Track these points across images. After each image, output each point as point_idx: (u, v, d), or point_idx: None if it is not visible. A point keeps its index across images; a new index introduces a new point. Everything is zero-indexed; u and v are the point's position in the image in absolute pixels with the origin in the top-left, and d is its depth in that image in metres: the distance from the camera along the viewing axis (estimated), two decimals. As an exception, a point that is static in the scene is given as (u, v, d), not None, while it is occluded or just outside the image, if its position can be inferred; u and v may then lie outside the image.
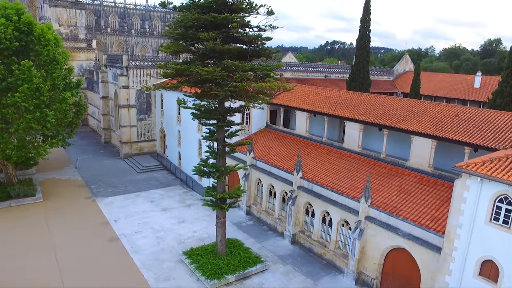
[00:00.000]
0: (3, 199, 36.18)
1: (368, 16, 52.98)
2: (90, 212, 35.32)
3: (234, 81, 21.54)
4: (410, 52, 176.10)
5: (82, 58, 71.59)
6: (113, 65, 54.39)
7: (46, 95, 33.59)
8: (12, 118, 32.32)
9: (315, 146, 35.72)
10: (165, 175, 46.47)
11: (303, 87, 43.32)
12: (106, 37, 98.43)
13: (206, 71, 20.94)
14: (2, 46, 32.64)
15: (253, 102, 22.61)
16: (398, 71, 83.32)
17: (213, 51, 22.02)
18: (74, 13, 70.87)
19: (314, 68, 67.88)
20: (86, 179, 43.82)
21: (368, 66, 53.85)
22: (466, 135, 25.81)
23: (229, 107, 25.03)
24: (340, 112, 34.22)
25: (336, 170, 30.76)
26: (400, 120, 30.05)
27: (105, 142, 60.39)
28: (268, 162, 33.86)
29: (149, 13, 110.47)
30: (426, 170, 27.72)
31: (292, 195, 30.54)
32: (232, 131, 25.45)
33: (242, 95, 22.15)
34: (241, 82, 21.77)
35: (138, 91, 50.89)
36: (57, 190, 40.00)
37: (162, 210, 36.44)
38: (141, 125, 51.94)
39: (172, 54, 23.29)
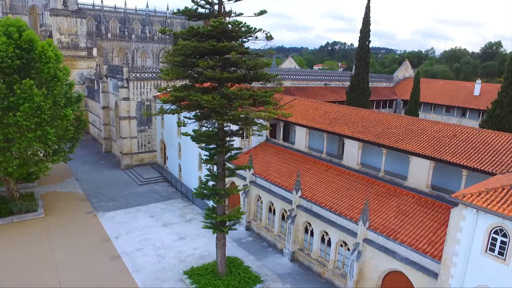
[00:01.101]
0: (5, 215, 36.51)
1: (368, 27, 53.20)
2: (91, 228, 35.62)
3: (233, 110, 21.79)
4: (410, 54, 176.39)
5: (83, 66, 71.87)
6: (113, 76, 54.67)
7: (47, 113, 33.87)
8: (13, 137, 32.59)
9: (314, 162, 35.97)
10: (166, 187, 46.76)
11: (303, 100, 43.54)
12: (107, 43, 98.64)
13: (205, 100, 21.19)
14: (4, 64, 32.94)
15: (252, 131, 22.82)
16: (398, 77, 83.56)
17: (213, 78, 22.27)
18: (75, 22, 71.11)
19: (314, 76, 68.17)
20: (87, 192, 44.12)
21: (368, 77, 54.08)
22: (463, 157, 26.06)
23: (229, 131, 25.28)
24: (339, 129, 34.48)
25: (335, 188, 31.02)
26: (398, 140, 30.30)
27: (106, 151, 60.71)
28: (267, 179, 34.12)
29: (149, 18, 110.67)
30: (424, 190, 27.99)
31: (291, 214, 30.83)
32: (232, 155, 25.67)
33: (241, 123, 22.39)
34: (240, 110, 22.01)
35: (139, 102, 51.19)
36: (59, 204, 40.30)
37: (162, 225, 36.73)
38: (142, 137, 52.26)
39: (172, 79, 23.54)
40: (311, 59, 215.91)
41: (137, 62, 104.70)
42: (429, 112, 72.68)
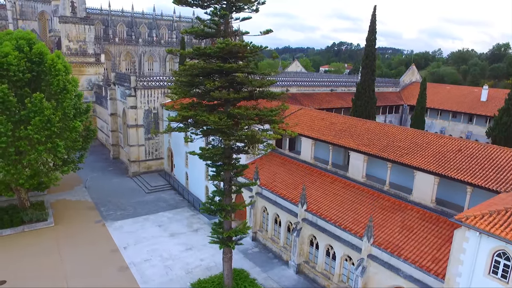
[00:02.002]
0: (16, 224, 37.28)
1: (374, 35, 53.29)
2: (100, 238, 36.25)
3: (240, 130, 22.19)
4: (417, 56, 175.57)
5: (91, 72, 72.74)
6: (121, 84, 55.36)
7: (57, 125, 34.52)
8: (25, 149, 33.28)
9: (320, 174, 36.27)
10: (173, 195, 47.33)
11: (308, 110, 43.81)
12: (114, 47, 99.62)
13: (212, 121, 21.61)
14: (16, 78, 33.66)
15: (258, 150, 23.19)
16: (405, 82, 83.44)
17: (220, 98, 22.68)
18: (83, 29, 71.99)
19: (320, 82, 68.36)
20: (96, 200, 44.82)
21: (374, 85, 54.14)
22: (468, 174, 26.23)
23: (235, 147, 25.64)
24: (345, 141, 34.75)
25: (340, 201, 31.30)
26: (403, 154, 30.51)
27: (113, 158, 61.48)
28: (273, 191, 34.48)
29: (156, 21, 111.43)
30: (428, 205, 28.19)
31: (297, 226, 31.19)
32: (238, 171, 26.05)
33: (247, 142, 22.80)
34: (247, 130, 22.40)
35: (146, 110, 51.82)
36: (68, 213, 41.02)
37: (170, 235, 37.27)
38: (149, 144, 52.89)
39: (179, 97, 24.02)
40: (317, 60, 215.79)
41: (144, 66, 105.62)
42: (436, 117, 72.56)
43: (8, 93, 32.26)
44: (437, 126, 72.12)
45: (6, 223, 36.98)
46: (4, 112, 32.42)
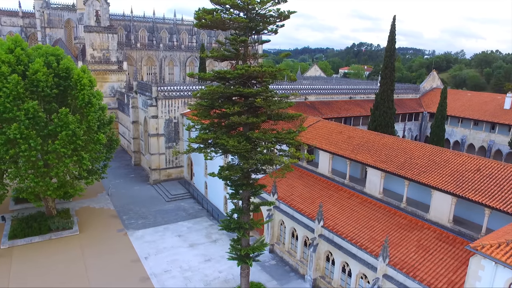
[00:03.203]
0: (44, 231, 39.00)
1: (393, 45, 53.08)
2: (122, 247, 37.52)
3: (258, 153, 22.86)
4: (438, 58, 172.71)
5: (114, 79, 74.70)
6: (143, 93, 56.81)
7: (82, 138, 35.96)
8: (53, 163, 34.82)
9: (337, 188, 36.60)
10: (192, 204, 48.39)
11: (326, 123, 44.11)
12: (136, 52, 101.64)
13: (231, 145, 22.34)
14: (44, 93, 35.25)
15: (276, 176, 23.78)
16: (425, 88, 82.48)
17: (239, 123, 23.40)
18: (107, 38, 73.98)
19: (338, 90, 68.37)
20: (118, 208, 46.28)
21: (393, 95, 53.87)
22: (486, 195, 26.19)
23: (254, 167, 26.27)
24: (362, 157, 34.98)
25: (357, 218, 31.60)
26: (421, 172, 30.59)
27: (135, 164, 63.10)
28: (291, 205, 35.02)
29: (177, 26, 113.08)
30: (445, 225, 28.24)
31: (313, 242, 31.66)
32: (256, 191, 26.71)
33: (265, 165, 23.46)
34: (265, 155, 23.03)
35: (167, 120, 53.08)
36: (92, 221, 42.53)
37: (189, 246, 38.26)
38: (170, 153, 54.16)
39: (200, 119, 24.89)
40: (336, 62, 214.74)
41: (164, 70, 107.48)
42: (457, 125, 71.57)
43: (38, 109, 33.83)
44: (458, 135, 71.15)
45: (35, 230, 38.76)
46: (34, 127, 33.98)
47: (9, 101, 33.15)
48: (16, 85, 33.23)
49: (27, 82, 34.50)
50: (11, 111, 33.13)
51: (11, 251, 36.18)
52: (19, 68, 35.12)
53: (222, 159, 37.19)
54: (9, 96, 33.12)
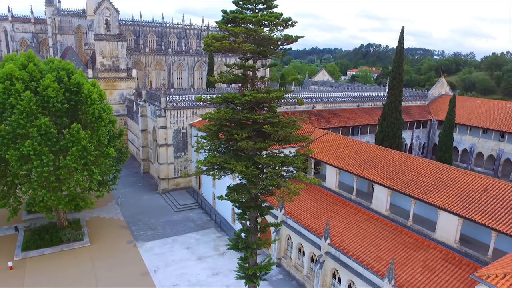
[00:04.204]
0: (56, 243, 39.79)
1: (401, 55, 53.11)
2: (132, 260, 38.14)
3: (265, 180, 23.25)
4: (448, 61, 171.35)
5: (123, 87, 75.55)
6: (151, 102, 57.49)
7: (93, 153, 36.65)
8: (64, 177, 35.56)
9: (344, 203, 36.87)
10: (200, 215, 48.93)
11: (334, 136, 44.36)
12: (145, 57, 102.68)
13: (239, 170, 22.76)
14: (55, 108, 35.98)
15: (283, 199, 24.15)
16: (433, 94, 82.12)
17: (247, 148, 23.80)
18: (116, 45, 74.85)
19: (346, 98, 68.43)
20: (127, 218, 46.98)
21: (401, 106, 53.93)
22: (493, 218, 26.31)
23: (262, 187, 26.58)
24: (369, 173, 35.22)
25: (363, 235, 31.85)
26: (427, 191, 30.76)
27: (144, 172, 63.86)
28: (298, 221, 35.36)
29: (185, 31, 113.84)
30: (452, 245, 28.42)
31: (320, 259, 31.99)
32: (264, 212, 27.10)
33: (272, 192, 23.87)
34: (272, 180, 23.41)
35: (175, 130, 53.68)
36: (102, 232, 43.26)
37: (197, 259, 38.79)
38: (178, 162, 54.77)
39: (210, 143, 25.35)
40: (344, 64, 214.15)
41: (173, 75, 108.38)
42: (465, 133, 71.21)
43: (50, 125, 34.56)
44: (467, 143, 70.81)
45: (47, 242, 39.58)
46: (46, 143, 34.72)
47: (22, 117, 33.87)
48: (29, 102, 33.97)
49: (38, 98, 35.23)
50: (24, 127, 33.88)
51: (24, 263, 37.02)
52: (32, 85, 35.92)
53: (230, 176, 37.65)
54: (23, 113, 33.85)
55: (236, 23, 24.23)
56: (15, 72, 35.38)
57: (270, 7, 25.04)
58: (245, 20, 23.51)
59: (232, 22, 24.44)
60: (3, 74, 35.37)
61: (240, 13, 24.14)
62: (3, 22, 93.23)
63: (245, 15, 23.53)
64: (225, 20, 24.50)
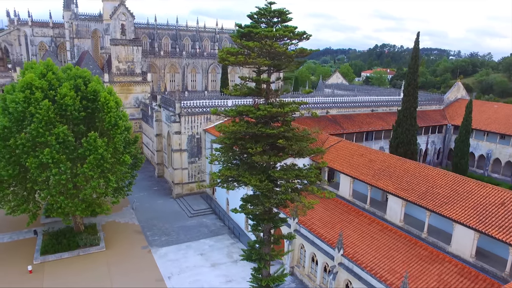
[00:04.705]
0: (73, 247, 40.64)
1: (416, 62, 52.57)
2: (147, 266, 38.70)
3: (279, 194, 23.40)
4: (464, 62, 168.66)
5: (138, 91, 76.52)
6: (166, 108, 58.12)
7: (109, 161, 37.31)
8: (81, 184, 36.31)
9: (358, 213, 36.76)
10: (214, 220, 49.31)
11: (348, 144, 44.21)
12: (159, 60, 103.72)
13: (253, 184, 22.96)
14: (72, 116, 36.73)
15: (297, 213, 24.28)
16: (449, 99, 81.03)
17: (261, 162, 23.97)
18: (132, 50, 75.84)
19: (360, 102, 68.06)
20: (142, 223, 47.66)
21: (416, 112, 53.40)
22: (511, 234, 25.92)
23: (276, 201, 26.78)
24: (383, 184, 35.04)
25: (377, 246, 31.72)
26: (442, 203, 30.47)
27: (158, 176, 64.62)
28: (311, 230, 35.39)
29: (199, 33, 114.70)
30: (467, 259, 28.09)
31: (333, 270, 31.98)
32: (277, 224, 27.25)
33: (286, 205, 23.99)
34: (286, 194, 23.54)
35: (190, 136, 54.20)
36: (117, 237, 43.98)
37: (211, 265, 39.15)
38: (192, 168, 55.28)
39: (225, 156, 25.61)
40: (358, 65, 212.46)
41: (187, 77, 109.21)
42: (482, 139, 70.05)
43: (67, 134, 35.30)
44: (483, 148, 69.66)
45: (64, 247, 40.48)
46: (64, 151, 35.47)
47: (41, 126, 34.68)
48: (47, 111, 34.74)
49: (56, 106, 35.99)
50: (43, 135, 34.69)
51: (43, 267, 37.90)
52: (50, 93, 36.70)
53: (245, 188, 37.84)
54: (42, 122, 34.65)
55: (251, 37, 24.41)
56: (34, 81, 36.22)
57: (285, 21, 25.18)
58: (260, 34, 23.65)
59: (247, 36, 24.61)
60: (23, 83, 36.27)
61: (254, 27, 24.32)
62: (23, 26, 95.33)
63: (260, 30, 23.67)
64: (240, 34, 24.69)
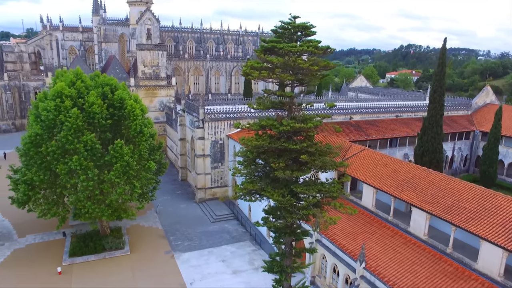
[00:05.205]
0: (99, 251, 41.90)
1: (443, 68, 51.43)
2: (170, 271, 39.44)
3: (302, 209, 23.49)
4: (494, 64, 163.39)
5: (163, 94, 77.97)
6: (190, 113, 58.97)
7: (134, 168, 38.24)
8: (108, 191, 37.38)
9: (380, 224, 36.37)
10: (236, 226, 49.75)
11: (371, 153, 43.72)
12: (184, 63, 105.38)
13: (276, 199, 23.14)
14: (99, 124, 37.82)
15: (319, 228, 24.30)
16: (478, 104, 78.82)
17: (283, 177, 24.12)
18: (157, 55, 77.31)
19: (384, 108, 67.12)
20: (166, 227, 48.58)
21: (442, 120, 52.27)
22: (539, 253, 25.17)
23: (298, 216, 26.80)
24: (407, 196, 34.54)
25: (400, 260, 31.30)
26: (469, 218, 29.80)
27: (182, 179, 65.64)
28: (333, 241, 35.26)
29: (223, 36, 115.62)
30: (495, 278, 27.38)
31: (354, 282, 31.78)
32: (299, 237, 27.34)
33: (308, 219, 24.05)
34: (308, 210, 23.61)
35: (213, 141, 54.85)
36: (141, 241, 45.02)
37: (233, 272, 39.57)
38: (215, 173, 55.92)
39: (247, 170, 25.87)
40: (383, 67, 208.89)
41: (211, 80, 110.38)
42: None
43: (95, 141, 36.39)
44: (513, 156, 67.50)
45: (91, 249, 41.77)
46: (91, 158, 36.59)
47: (70, 133, 35.90)
48: (76, 119, 35.91)
49: (84, 114, 37.15)
50: (72, 143, 35.89)
51: (71, 269, 39.23)
52: (79, 101, 37.88)
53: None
54: (71, 129, 35.85)
55: (275, 52, 24.59)
56: (64, 90, 37.51)
57: (308, 35, 25.25)
58: (283, 50, 23.81)
59: (270, 51, 24.81)
60: (54, 92, 37.66)
61: (278, 42, 24.48)
62: (55, 31, 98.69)
63: (283, 45, 23.83)
64: (264, 49, 24.91)
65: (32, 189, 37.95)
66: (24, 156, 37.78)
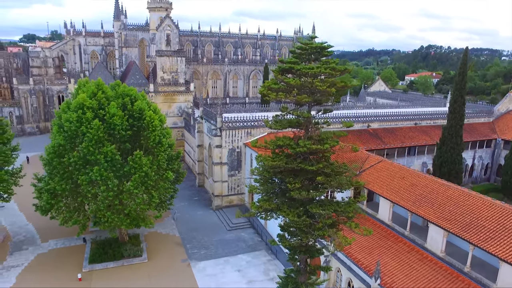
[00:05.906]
0: (118, 258, 42.92)
1: (464, 78, 50.61)
2: (186, 280, 40.10)
3: (317, 230, 23.68)
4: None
5: (181, 100, 78.97)
6: (208, 120, 59.64)
7: (153, 179, 39.02)
8: (127, 201, 38.27)
9: (397, 239, 36.15)
10: (252, 235, 50.15)
11: (388, 165, 43.41)
12: (202, 67, 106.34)
13: (292, 219, 23.40)
14: (119, 135, 38.68)
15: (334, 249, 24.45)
16: (500, 111, 77.11)
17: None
18: (176, 61, 78.33)
19: (403, 116, 66.40)
20: (183, 235, 49.35)
21: (462, 130, 51.44)
22: (560, 277, 24.70)
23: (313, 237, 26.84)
24: (424, 211, 34.24)
25: (416, 278, 31.08)
26: (488, 238, 29.39)
27: (199, 185, 66.43)
28: (348, 255, 35.23)
29: (241, 40, 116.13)
30: (514, 300, 26.99)
31: (370, 299, 31.76)
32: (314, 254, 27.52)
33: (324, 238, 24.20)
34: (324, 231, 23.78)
35: (230, 149, 55.35)
36: (159, 248, 45.87)
37: (248, 282, 39.98)
38: (232, 180, 56.45)
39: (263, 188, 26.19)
40: (402, 68, 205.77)
41: (228, 84, 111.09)
42: (536, 155, 66.07)
43: (115, 152, 37.28)
44: (537, 166, 65.68)
45: (110, 256, 42.81)
46: (111, 169, 37.52)
47: (92, 144, 36.89)
48: (97, 130, 36.87)
49: (105, 125, 38.07)
50: (93, 154, 36.88)
51: (91, 275, 40.32)
52: (100, 113, 38.81)
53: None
54: (92, 140, 36.83)
55: (292, 73, 24.83)
56: (86, 101, 38.51)
57: (326, 55, 25.39)
58: (301, 71, 24.03)
59: (288, 72, 25.06)
60: (76, 104, 38.70)
61: (295, 63, 24.71)
62: (78, 37, 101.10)
63: (301, 67, 24.05)
64: (281, 69, 25.17)
65: (54, 197, 39.18)
66: (48, 165, 39.00)
